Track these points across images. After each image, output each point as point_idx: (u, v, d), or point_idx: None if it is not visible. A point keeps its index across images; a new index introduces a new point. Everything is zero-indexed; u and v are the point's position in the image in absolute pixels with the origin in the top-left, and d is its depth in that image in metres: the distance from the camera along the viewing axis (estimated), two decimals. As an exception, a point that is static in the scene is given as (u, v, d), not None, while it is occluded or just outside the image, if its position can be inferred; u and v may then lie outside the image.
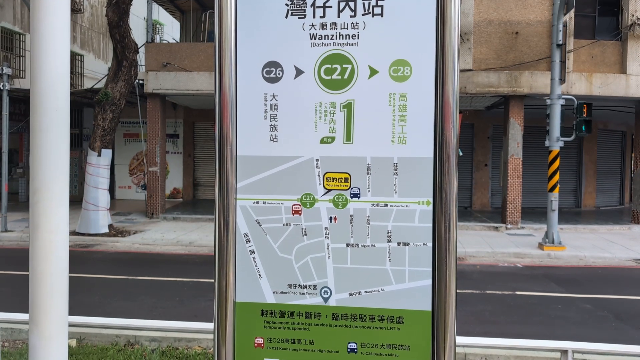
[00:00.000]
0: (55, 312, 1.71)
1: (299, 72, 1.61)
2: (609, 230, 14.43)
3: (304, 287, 1.63)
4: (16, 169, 19.48)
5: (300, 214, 1.63)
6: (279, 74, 1.62)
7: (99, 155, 12.77)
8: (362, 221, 1.60)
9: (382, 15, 1.57)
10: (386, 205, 1.59)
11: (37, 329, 1.70)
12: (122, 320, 3.61)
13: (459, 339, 2.59)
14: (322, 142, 1.61)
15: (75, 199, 16.30)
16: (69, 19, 1.74)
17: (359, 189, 1.60)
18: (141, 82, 15.30)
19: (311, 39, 1.60)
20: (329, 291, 1.62)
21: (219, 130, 1.62)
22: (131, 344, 5.06)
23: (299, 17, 1.61)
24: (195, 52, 15.58)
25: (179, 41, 21.02)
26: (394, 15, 1.56)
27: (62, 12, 1.70)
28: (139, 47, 13.24)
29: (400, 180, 1.58)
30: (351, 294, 1.61)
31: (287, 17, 1.61)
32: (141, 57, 16.86)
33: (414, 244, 1.58)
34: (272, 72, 1.63)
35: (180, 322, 3.60)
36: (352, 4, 1.58)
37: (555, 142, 11.82)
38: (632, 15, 14.59)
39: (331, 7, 1.59)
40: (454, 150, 1.53)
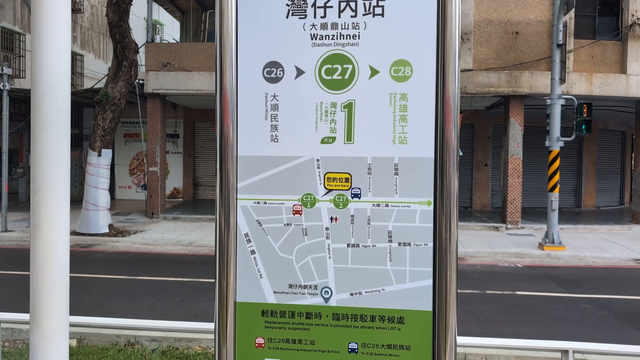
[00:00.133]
0: (55, 312, 1.71)
1: (300, 72, 1.61)
2: (609, 230, 14.42)
3: (305, 287, 1.63)
4: (16, 169, 19.48)
5: (301, 214, 1.63)
6: (280, 74, 1.62)
7: (99, 155, 12.77)
8: (362, 221, 1.60)
9: (382, 15, 1.57)
10: (387, 205, 1.59)
11: (38, 329, 1.70)
12: (122, 320, 3.61)
13: (459, 339, 2.58)
14: (322, 142, 1.61)
15: (75, 199, 16.29)
16: (69, 19, 1.74)
17: (359, 189, 1.60)
18: (141, 82, 15.30)
19: (312, 39, 1.60)
20: (329, 291, 1.62)
21: (219, 130, 1.62)
22: (131, 344, 5.06)
23: (300, 17, 1.61)
24: (195, 52, 15.57)
25: (179, 41, 21.01)
26: (395, 15, 1.56)
27: (63, 12, 1.70)
28: (139, 47, 13.24)
29: (401, 180, 1.58)
30: (352, 294, 1.61)
31: (287, 17, 1.61)
32: (141, 57, 16.86)
33: (414, 244, 1.58)
34: (272, 72, 1.63)
35: (180, 322, 3.59)
36: (352, 4, 1.58)
37: (555, 142, 11.83)
38: (632, 15, 14.59)
39: (332, 7, 1.59)
40: (454, 150, 1.53)
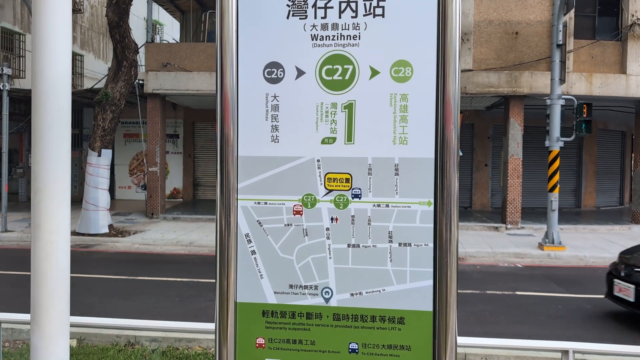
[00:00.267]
0: (56, 312, 1.71)
1: (300, 73, 1.61)
2: (609, 230, 14.42)
3: (305, 287, 1.63)
4: (16, 169, 19.49)
5: (301, 215, 1.63)
6: (280, 75, 1.62)
7: (99, 155, 12.78)
8: (363, 222, 1.60)
9: (383, 15, 1.57)
10: (387, 205, 1.59)
11: (39, 329, 1.70)
12: (122, 320, 3.61)
13: (459, 339, 2.59)
14: (323, 142, 1.61)
15: (75, 199, 16.26)
16: (70, 19, 1.74)
17: (360, 189, 1.60)
18: (141, 82, 15.30)
19: (312, 40, 1.60)
20: (330, 291, 1.62)
21: (220, 130, 1.62)
22: (131, 344, 5.06)
23: (300, 18, 1.61)
24: (195, 52, 15.57)
25: (179, 41, 21.02)
26: (395, 15, 1.56)
27: (64, 12, 1.70)
28: (139, 47, 13.24)
29: (401, 180, 1.58)
30: (352, 295, 1.61)
31: (288, 17, 1.61)
32: (141, 57, 16.86)
33: (415, 245, 1.58)
34: (273, 72, 1.63)
35: (180, 322, 3.59)
36: (353, 5, 1.58)
37: (555, 142, 11.83)
38: (632, 15, 14.59)
39: (332, 7, 1.59)
40: (455, 150, 1.53)
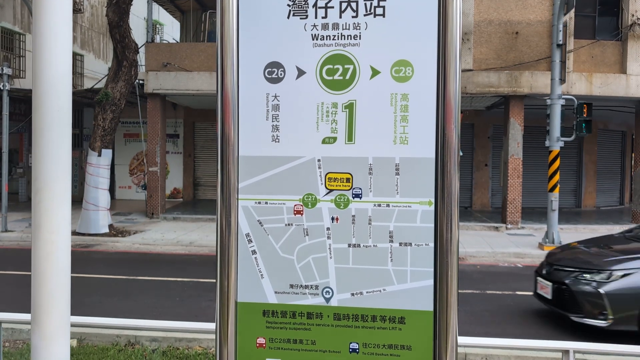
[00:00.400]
0: (57, 312, 1.71)
1: (301, 73, 1.61)
2: (609, 230, 14.40)
3: (306, 287, 1.63)
4: (16, 169, 19.49)
5: (302, 214, 1.63)
6: (281, 75, 1.62)
7: (99, 155, 12.77)
8: (363, 221, 1.60)
9: (383, 15, 1.57)
10: (388, 205, 1.59)
11: (39, 329, 1.70)
12: (122, 320, 3.61)
13: (460, 339, 2.58)
14: (323, 142, 1.61)
15: (75, 199, 16.21)
16: (70, 19, 1.74)
17: (360, 189, 1.60)
18: (141, 82, 15.30)
19: (313, 40, 1.60)
20: (330, 291, 1.62)
21: (221, 130, 1.62)
22: (132, 344, 5.06)
23: (301, 18, 1.61)
24: (195, 52, 15.57)
25: (179, 41, 21.02)
26: (396, 15, 1.56)
27: (64, 11, 1.70)
28: (139, 47, 13.24)
29: (402, 180, 1.58)
30: (353, 294, 1.61)
31: (288, 17, 1.61)
32: (141, 57, 16.86)
33: (415, 244, 1.58)
34: (274, 72, 1.63)
35: (180, 322, 3.60)
36: (353, 5, 1.58)
37: (555, 142, 11.83)
38: (632, 15, 14.59)
39: (333, 7, 1.59)
40: (455, 150, 1.53)
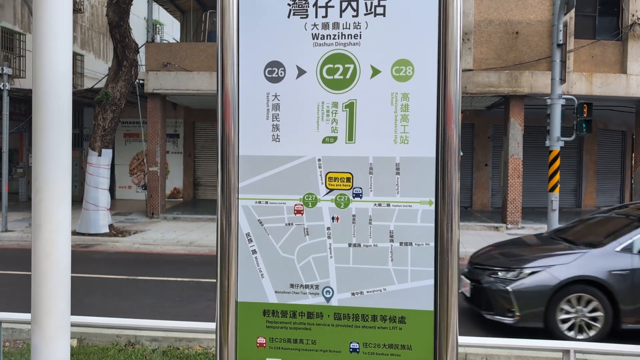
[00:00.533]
0: (57, 312, 1.71)
1: (301, 72, 1.61)
2: (609, 230, 14.39)
3: (306, 287, 1.63)
4: (16, 169, 19.49)
5: (302, 214, 1.63)
6: (281, 74, 1.62)
7: (99, 155, 12.77)
8: (364, 221, 1.60)
9: (384, 15, 1.57)
10: (388, 205, 1.58)
11: (39, 328, 1.70)
12: (122, 320, 3.61)
13: (460, 339, 2.58)
14: (324, 141, 1.61)
15: (75, 199, 16.22)
16: (70, 19, 1.74)
17: (361, 188, 1.60)
18: (141, 82, 15.30)
19: (313, 39, 1.60)
20: (331, 291, 1.62)
21: (221, 130, 1.62)
22: (132, 343, 5.06)
23: (301, 17, 1.60)
24: (195, 52, 15.57)
25: (179, 41, 21.02)
26: (396, 15, 1.56)
27: (64, 11, 1.70)
28: (139, 47, 13.24)
29: (402, 180, 1.58)
30: (353, 294, 1.61)
31: (289, 17, 1.61)
32: (141, 57, 16.86)
33: (416, 244, 1.58)
34: (274, 72, 1.62)
35: (181, 322, 3.59)
36: (354, 4, 1.58)
37: (555, 142, 11.82)
38: (633, 15, 14.59)
39: (333, 7, 1.59)
40: (456, 150, 1.53)
